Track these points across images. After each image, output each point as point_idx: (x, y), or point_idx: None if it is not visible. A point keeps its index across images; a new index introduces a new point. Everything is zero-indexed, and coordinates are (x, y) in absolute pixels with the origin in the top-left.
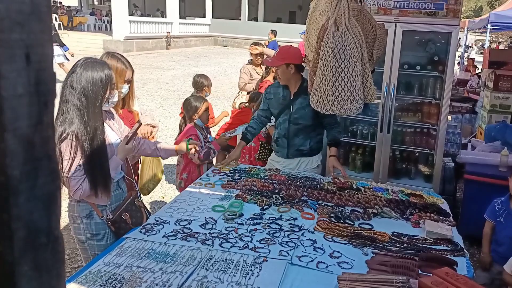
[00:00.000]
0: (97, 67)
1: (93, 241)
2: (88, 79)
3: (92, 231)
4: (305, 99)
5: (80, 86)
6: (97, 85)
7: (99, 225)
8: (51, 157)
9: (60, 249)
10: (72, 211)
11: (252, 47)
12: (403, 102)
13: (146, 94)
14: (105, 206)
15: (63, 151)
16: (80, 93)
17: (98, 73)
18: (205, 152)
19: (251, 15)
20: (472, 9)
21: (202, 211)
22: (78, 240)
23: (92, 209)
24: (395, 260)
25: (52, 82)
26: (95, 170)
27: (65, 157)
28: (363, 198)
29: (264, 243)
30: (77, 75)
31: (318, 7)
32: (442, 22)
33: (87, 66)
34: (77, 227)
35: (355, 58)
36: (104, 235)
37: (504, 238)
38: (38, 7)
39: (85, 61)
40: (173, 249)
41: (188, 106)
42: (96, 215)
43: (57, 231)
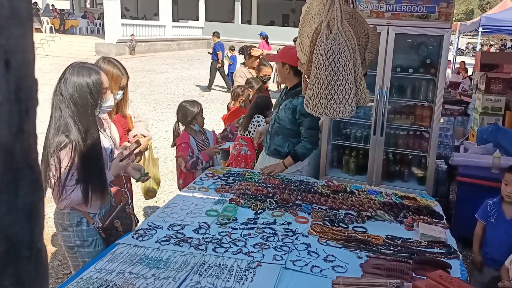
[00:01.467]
0: (84, 72)
1: (84, 248)
2: (74, 85)
3: (83, 238)
4: (291, 102)
5: (67, 93)
6: (84, 92)
7: (90, 231)
8: (33, 167)
9: (43, 262)
10: (60, 218)
11: (254, 49)
12: (396, 104)
13: (139, 98)
14: (95, 214)
15: (61, 159)
16: (68, 101)
17: (84, 79)
18: (192, 162)
19: (244, 18)
20: (464, 12)
21: (195, 215)
22: (67, 248)
23: (83, 216)
24: (389, 264)
25: (33, 89)
26: (93, 177)
27: (63, 165)
28: (357, 201)
29: (258, 248)
30: (65, 81)
31: (310, 10)
32: (434, 25)
33: (74, 72)
34: (66, 235)
35: (347, 61)
36: (95, 242)
37: (494, 239)
38: (18, 10)
39: (73, 66)
40: (166, 255)
41: (184, 112)
42: (87, 222)
43: (40, 243)
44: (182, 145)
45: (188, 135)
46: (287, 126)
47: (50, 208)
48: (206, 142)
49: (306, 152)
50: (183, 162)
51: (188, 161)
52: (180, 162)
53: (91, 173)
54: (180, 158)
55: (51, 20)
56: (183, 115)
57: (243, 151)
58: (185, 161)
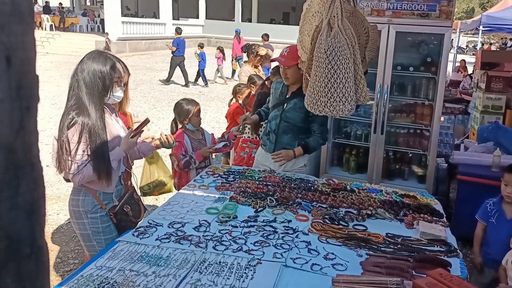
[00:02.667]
0: (100, 60)
1: (100, 236)
2: (89, 70)
3: (98, 224)
4: (301, 101)
5: (82, 76)
6: (96, 77)
7: (104, 217)
8: (34, 165)
9: (45, 259)
10: (75, 206)
11: (261, 48)
12: (397, 103)
13: (139, 96)
14: (111, 194)
15: (70, 136)
16: (82, 82)
17: (99, 66)
18: (185, 161)
19: (245, 16)
20: (464, 10)
21: (195, 213)
22: (83, 236)
23: (97, 203)
24: (389, 262)
25: (35, 86)
26: (97, 155)
27: (72, 141)
28: (357, 200)
29: (258, 246)
30: (82, 64)
31: (311, 8)
32: (434, 23)
33: (91, 57)
34: (81, 223)
35: (347, 59)
36: (109, 228)
37: (495, 239)
38: (19, 7)
39: (92, 52)
40: (166, 252)
41: (179, 110)
42: (101, 208)
43: (41, 241)
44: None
45: (183, 133)
46: (298, 124)
47: (50, 205)
48: (203, 142)
49: (317, 146)
50: (175, 160)
51: (181, 160)
52: (173, 160)
53: (96, 152)
54: (173, 156)
55: (52, 18)
56: (177, 113)
57: (253, 153)
58: (177, 160)
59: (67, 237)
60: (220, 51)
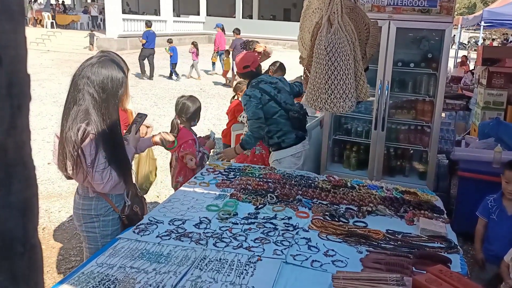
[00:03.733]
0: (115, 66)
1: (107, 239)
2: (108, 75)
3: (108, 227)
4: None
5: (99, 80)
6: (115, 83)
7: (114, 220)
8: (26, 163)
9: (38, 258)
10: (87, 210)
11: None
12: (397, 99)
13: (140, 93)
14: (122, 195)
15: (86, 149)
16: (98, 86)
17: (116, 72)
18: (200, 157)
19: (246, 12)
20: (466, 6)
21: (196, 210)
22: (90, 239)
23: (110, 206)
24: (389, 258)
25: (26, 84)
26: (119, 160)
27: (89, 152)
28: (358, 196)
29: (258, 243)
30: (95, 68)
31: (311, 4)
32: (435, 19)
33: (106, 62)
34: (91, 226)
35: (348, 56)
36: (117, 231)
37: (497, 235)
38: (9, 5)
39: (103, 56)
40: (167, 249)
41: (183, 107)
42: (113, 211)
43: (34, 239)
44: (189, 141)
45: (190, 131)
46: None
47: (52, 203)
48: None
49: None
50: (193, 158)
51: (197, 157)
52: (189, 158)
53: (118, 156)
54: (190, 155)
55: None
56: (182, 111)
57: (257, 151)
58: (195, 157)
59: (68, 234)
60: (194, 46)
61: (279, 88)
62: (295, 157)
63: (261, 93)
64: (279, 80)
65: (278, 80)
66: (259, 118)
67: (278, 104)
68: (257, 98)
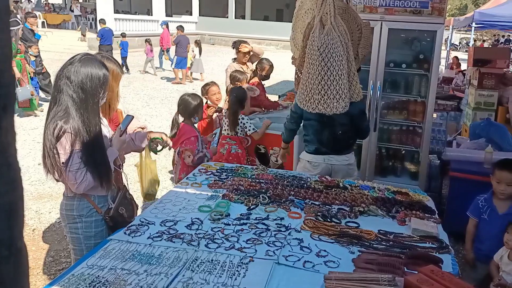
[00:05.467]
0: (96, 64)
1: (90, 240)
2: (87, 74)
3: (91, 229)
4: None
5: (78, 79)
6: (95, 82)
7: (98, 222)
8: (11, 165)
9: (24, 261)
10: (69, 210)
11: (243, 45)
12: (389, 100)
13: (132, 93)
14: (106, 197)
15: (60, 147)
16: (77, 86)
17: (96, 71)
18: (199, 157)
19: (238, 13)
20: (457, 7)
21: (188, 211)
22: (74, 240)
23: (92, 207)
24: (381, 258)
25: (11, 85)
26: (97, 162)
27: (64, 151)
28: (350, 196)
29: (250, 243)
30: (75, 67)
31: (303, 5)
32: (427, 20)
33: (86, 61)
34: (74, 226)
35: (340, 56)
36: (101, 233)
37: (488, 235)
38: None
39: (84, 56)
40: (158, 251)
41: (185, 104)
42: (96, 212)
43: (20, 243)
44: (191, 138)
45: (193, 129)
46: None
47: (42, 204)
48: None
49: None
50: (191, 155)
51: (196, 155)
52: (187, 155)
53: (95, 157)
54: (189, 151)
55: (43, 15)
56: (183, 107)
57: (233, 150)
58: (193, 155)
59: (59, 235)
60: (149, 44)
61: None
62: (312, 165)
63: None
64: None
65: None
66: (294, 113)
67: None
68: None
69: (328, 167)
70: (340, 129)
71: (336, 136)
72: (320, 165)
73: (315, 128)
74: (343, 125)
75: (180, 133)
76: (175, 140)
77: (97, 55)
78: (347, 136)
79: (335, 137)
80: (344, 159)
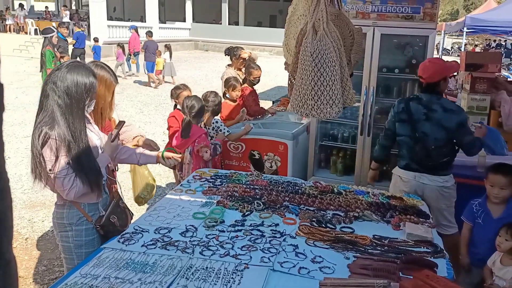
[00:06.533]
0: (83, 71)
1: (81, 249)
2: (73, 80)
3: (82, 237)
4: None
5: (64, 85)
6: (80, 88)
7: (89, 230)
8: (0, 175)
9: (13, 273)
10: (60, 218)
11: (243, 51)
12: (383, 105)
13: (125, 100)
14: (96, 205)
15: (46, 153)
16: (63, 92)
17: (83, 78)
18: (213, 148)
19: (232, 19)
20: (449, 12)
21: (182, 218)
22: (65, 249)
23: (82, 215)
24: (376, 264)
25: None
26: (85, 167)
27: (49, 158)
28: (344, 202)
29: (245, 250)
30: (62, 73)
31: (296, 11)
32: (419, 25)
33: (73, 68)
34: (64, 235)
35: (333, 62)
36: (92, 242)
37: (483, 239)
38: None
39: (72, 63)
40: (153, 259)
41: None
42: (86, 221)
43: (8, 254)
44: (202, 135)
45: (199, 127)
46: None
47: (35, 212)
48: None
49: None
50: (208, 150)
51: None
52: (204, 151)
53: (83, 163)
54: (204, 147)
55: (36, 22)
56: (189, 110)
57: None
58: (210, 149)
59: (52, 244)
60: (121, 48)
61: (430, 117)
62: (403, 180)
63: (403, 110)
64: (441, 109)
65: (438, 108)
66: (388, 130)
67: (411, 131)
68: (395, 112)
69: (419, 186)
70: (433, 144)
71: (429, 152)
72: (410, 182)
73: (407, 144)
74: (437, 140)
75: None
76: (185, 142)
77: (90, 63)
78: (441, 152)
79: (427, 153)
80: (437, 180)
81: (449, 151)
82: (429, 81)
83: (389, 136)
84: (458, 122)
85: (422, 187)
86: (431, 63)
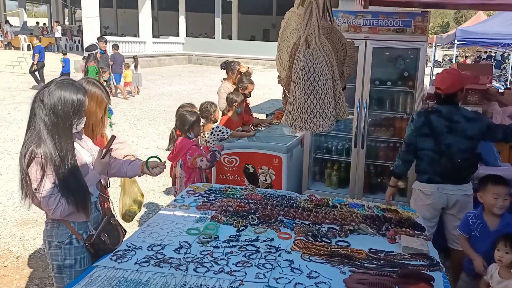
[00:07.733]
0: (71, 89)
1: (71, 268)
2: (59, 98)
3: (71, 256)
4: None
5: (51, 103)
6: (67, 107)
7: (78, 249)
8: None
9: None
10: (49, 236)
11: (241, 65)
12: (376, 117)
13: (119, 114)
14: (86, 223)
15: (31, 172)
16: (49, 109)
17: (71, 95)
18: (211, 155)
19: (225, 33)
20: (440, 25)
21: (176, 234)
22: (54, 267)
23: (71, 233)
24: (373, 278)
25: None
26: (71, 187)
27: (35, 176)
28: (340, 215)
29: (240, 266)
30: (50, 90)
31: (288, 25)
32: (410, 38)
33: (61, 85)
34: (54, 253)
35: (326, 75)
36: (82, 260)
37: (479, 252)
38: None
39: (61, 80)
40: (146, 277)
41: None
42: (75, 239)
43: None
44: (192, 147)
45: (189, 140)
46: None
47: (27, 230)
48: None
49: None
50: (203, 159)
51: (207, 155)
52: (199, 160)
53: (69, 182)
54: (198, 157)
55: (29, 38)
56: (181, 123)
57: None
58: (204, 156)
59: (44, 262)
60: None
61: (454, 128)
62: (425, 194)
63: (424, 124)
64: (463, 120)
65: (460, 119)
66: (409, 145)
67: (435, 144)
68: (415, 126)
69: (443, 197)
70: (459, 156)
71: (455, 165)
72: (433, 194)
73: (430, 158)
74: (463, 152)
75: (179, 146)
76: (174, 155)
77: (81, 80)
78: (468, 164)
79: (454, 166)
80: (461, 189)
81: (474, 162)
82: (447, 92)
83: (411, 150)
84: (484, 126)
85: (446, 198)
86: (448, 74)
